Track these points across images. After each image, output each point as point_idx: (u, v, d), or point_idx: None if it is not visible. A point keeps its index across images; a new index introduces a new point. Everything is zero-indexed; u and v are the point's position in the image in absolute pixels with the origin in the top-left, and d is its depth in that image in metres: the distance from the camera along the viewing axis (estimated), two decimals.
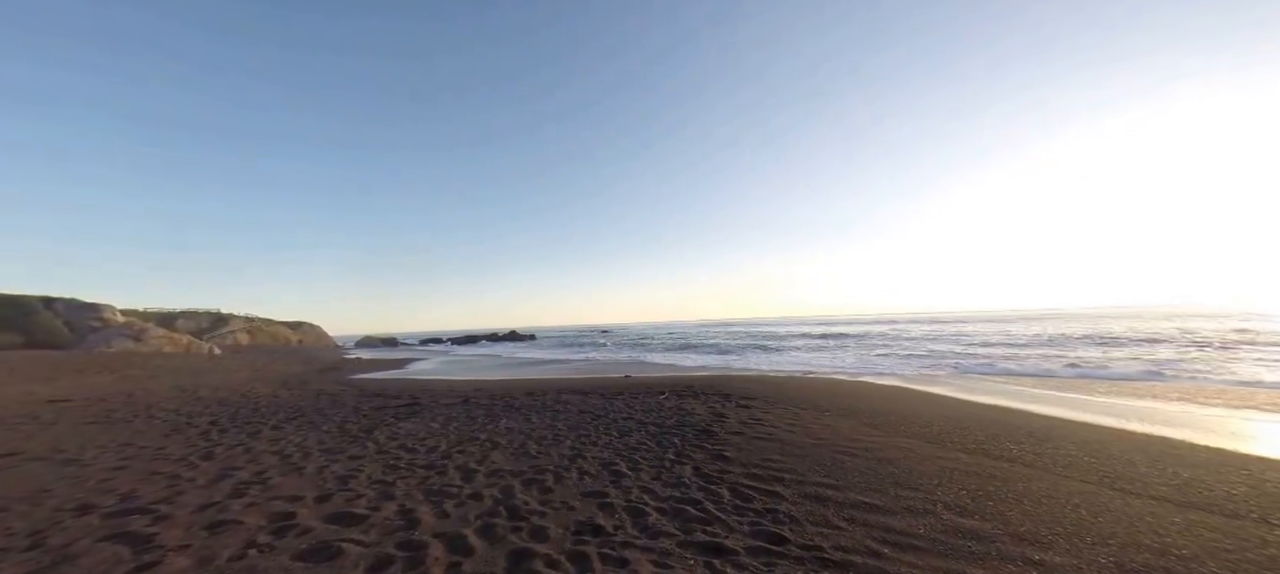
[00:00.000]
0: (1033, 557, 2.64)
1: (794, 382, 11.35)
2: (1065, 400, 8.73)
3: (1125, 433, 5.82)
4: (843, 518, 3.29)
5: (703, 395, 8.54)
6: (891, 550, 2.81)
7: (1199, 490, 3.62)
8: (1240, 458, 4.63)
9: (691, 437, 5.49)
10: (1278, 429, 6.22)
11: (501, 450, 5.17)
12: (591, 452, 5.05)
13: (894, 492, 3.74)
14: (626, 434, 5.80)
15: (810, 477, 4.08)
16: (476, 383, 13.09)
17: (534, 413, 7.46)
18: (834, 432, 5.72)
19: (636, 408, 7.58)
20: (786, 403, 7.63)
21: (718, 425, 6.00)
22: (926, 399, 8.77)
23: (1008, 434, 5.56)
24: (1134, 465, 4.27)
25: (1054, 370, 13.66)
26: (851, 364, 17.54)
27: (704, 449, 4.96)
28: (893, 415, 6.84)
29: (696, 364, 20.37)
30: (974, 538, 2.92)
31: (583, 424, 6.48)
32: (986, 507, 3.37)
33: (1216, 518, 3.11)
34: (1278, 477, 3.97)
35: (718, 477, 4.07)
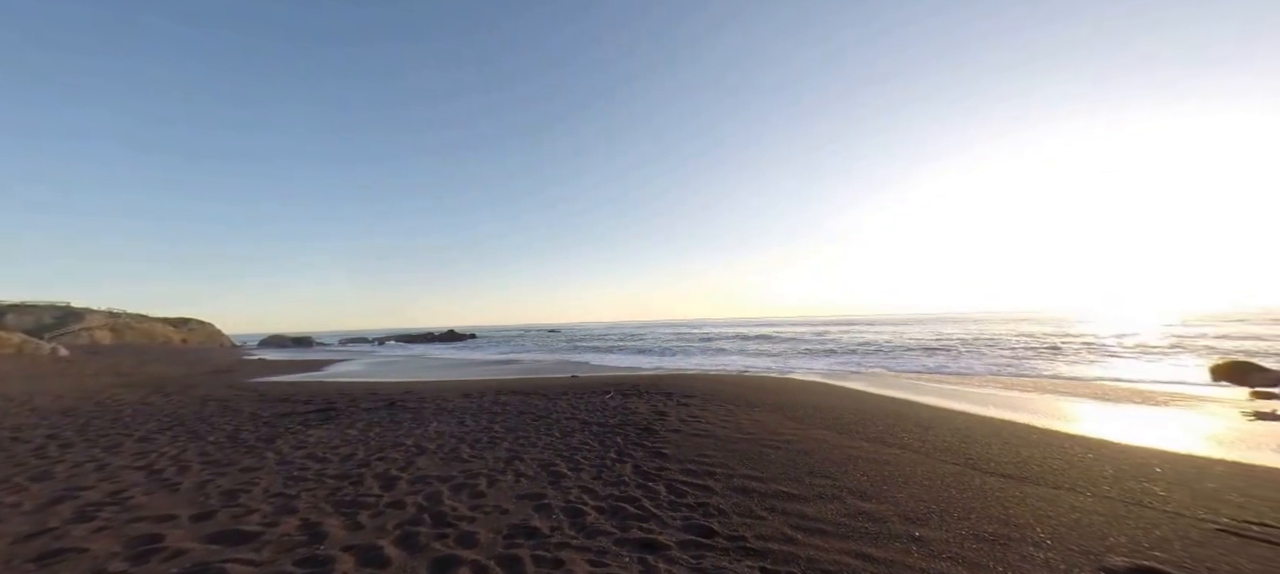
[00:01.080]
0: (914, 533, 3.05)
1: (731, 380, 11.93)
2: (945, 392, 10.04)
3: (987, 420, 6.85)
4: (764, 508, 3.55)
5: (647, 394, 8.71)
6: (804, 536, 3.09)
7: (1032, 467, 4.37)
8: (1061, 437, 5.62)
9: (633, 435, 5.60)
10: (1087, 412, 7.68)
11: (430, 456, 4.89)
12: (530, 453, 4.96)
13: (808, 481, 4.11)
14: (569, 434, 5.77)
15: (738, 470, 4.35)
16: (405, 385, 12.21)
17: (469, 416, 7.13)
18: (761, 426, 6.13)
19: (581, 408, 7.55)
20: (722, 400, 8.03)
21: (659, 424, 6.17)
22: (840, 393, 9.66)
23: (901, 424, 6.32)
24: (990, 448, 5.06)
25: (941, 366, 15.75)
26: (783, 363, 18.83)
27: (644, 447, 5.08)
28: (811, 409, 7.47)
29: (643, 364, 20.65)
30: (871, 519, 3.30)
31: (523, 426, 6.34)
32: (882, 490, 3.82)
33: (1043, 489, 3.79)
34: (1082, 452, 4.90)
35: (656, 474, 4.20)
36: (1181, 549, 2.66)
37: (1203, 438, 5.82)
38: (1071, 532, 2.94)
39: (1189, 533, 2.87)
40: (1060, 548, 2.71)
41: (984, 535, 2.95)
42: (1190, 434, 6.03)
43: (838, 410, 7.34)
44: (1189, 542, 2.75)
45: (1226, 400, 8.39)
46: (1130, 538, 2.80)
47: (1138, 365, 14.03)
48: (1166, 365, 13.88)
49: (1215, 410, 7.60)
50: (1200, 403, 8.30)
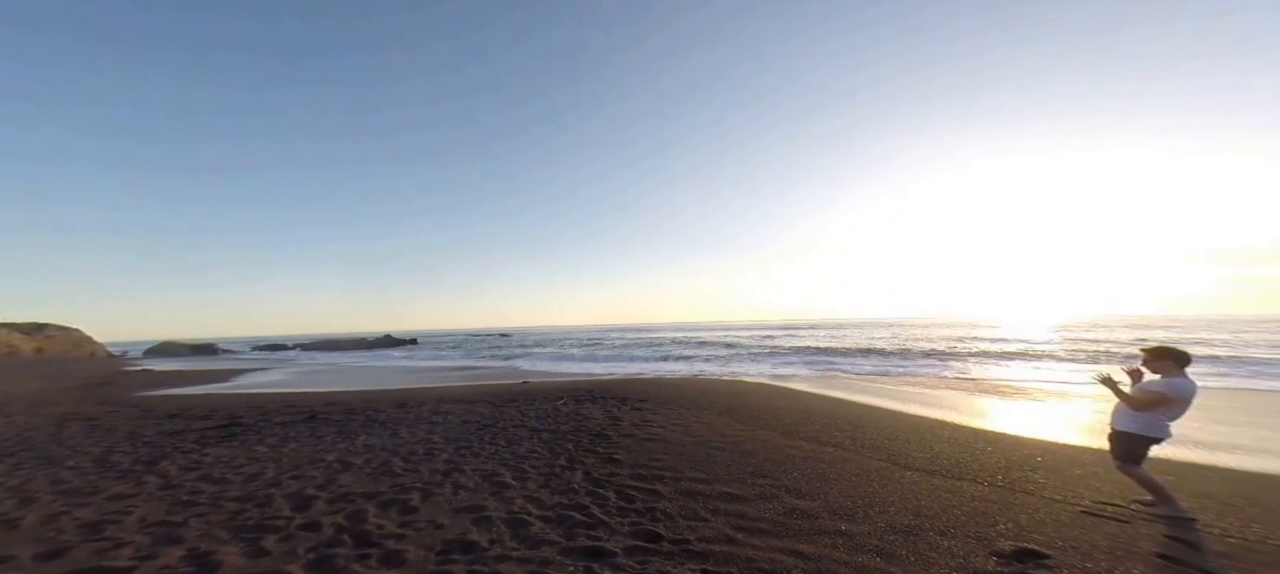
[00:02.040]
0: (841, 528, 3.26)
1: (684, 383, 12.14)
2: (874, 391, 10.82)
3: (908, 417, 7.47)
4: (709, 510, 3.64)
5: (601, 399, 8.66)
6: (744, 536, 3.20)
7: (942, 461, 4.81)
8: (966, 432, 6.21)
9: (585, 441, 5.54)
10: (989, 408, 8.57)
11: (355, 471, 4.53)
12: (472, 464, 4.76)
13: (751, 481, 4.26)
14: (516, 442, 5.60)
15: (686, 473, 4.43)
16: (329, 395, 11.19)
17: (404, 427, 6.69)
18: (710, 428, 6.29)
19: (530, 415, 7.35)
20: (675, 404, 8.15)
21: (612, 429, 6.14)
22: (784, 395, 10.13)
23: (835, 423, 6.73)
24: (909, 444, 5.52)
25: (875, 367, 17.01)
26: (735, 366, 19.45)
27: (596, 453, 5.04)
28: (757, 411, 7.77)
29: (599, 369, 20.51)
30: (805, 517, 3.48)
31: (465, 435, 6.06)
32: (816, 488, 4.04)
33: (950, 481, 4.19)
34: (982, 445, 5.46)
35: (606, 480, 4.17)
36: (1053, 530, 3.04)
37: (1075, 429, 6.70)
38: (970, 519, 3.26)
39: (1059, 516, 3.29)
40: (960, 535, 3.00)
41: (900, 527, 3.20)
42: (1066, 426, 6.92)
43: (780, 411, 7.69)
44: (1059, 524, 3.15)
45: (1095, 396, 9.74)
46: (1015, 523, 3.16)
47: (1030, 366, 15.94)
48: (1053, 366, 15.88)
49: (1086, 405, 8.80)
50: (1077, 398, 9.57)
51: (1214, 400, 8.60)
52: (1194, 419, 6.45)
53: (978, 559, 2.68)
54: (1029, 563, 2.59)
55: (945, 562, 2.68)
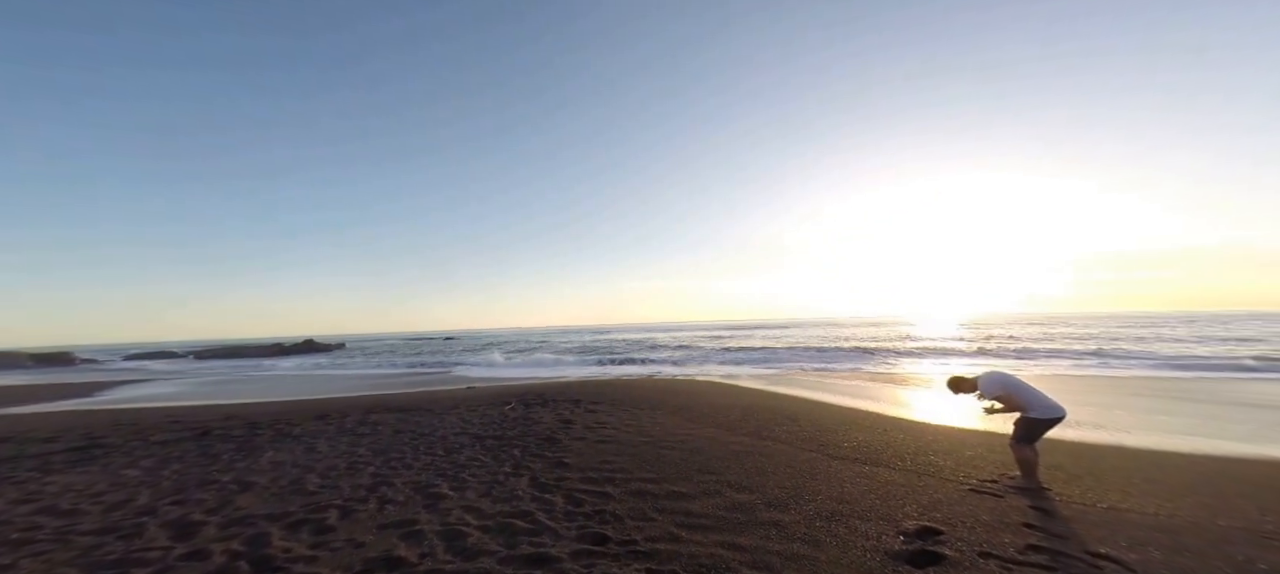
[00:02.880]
0: (775, 518, 3.49)
1: (639, 384, 12.26)
2: (811, 385, 11.66)
3: (838, 408, 8.10)
4: (657, 509, 3.73)
5: (553, 403, 8.52)
6: (687, 532, 3.32)
7: (863, 449, 5.28)
8: (886, 421, 6.83)
9: (533, 446, 5.44)
10: (906, 397, 9.52)
11: (258, 492, 4.09)
12: (403, 476, 4.47)
13: (697, 478, 4.42)
14: (456, 451, 5.36)
15: (637, 474, 4.51)
16: (229, 409, 9.94)
17: (323, 440, 6.13)
18: (662, 428, 6.43)
19: (474, 421, 7.07)
20: (629, 405, 8.22)
21: (563, 432, 6.08)
22: (732, 392, 10.56)
23: (775, 418, 7.15)
24: (837, 434, 6.01)
25: (813, 363, 18.25)
26: (690, 366, 19.94)
27: (545, 458, 4.97)
28: (707, 408, 8.04)
29: (552, 372, 20.13)
30: (743, 510, 3.68)
31: (396, 446, 5.69)
32: (754, 481, 4.28)
33: (869, 467, 4.62)
34: (897, 432, 6.02)
35: (554, 485, 4.13)
36: (948, 508, 3.47)
37: (967, 415, 7.64)
38: (884, 502, 3.63)
39: (953, 495, 3.75)
40: (875, 518, 3.33)
41: (825, 513, 3.49)
42: (961, 413, 7.87)
43: (727, 409, 8.02)
44: (953, 502, 3.60)
45: None
46: (919, 504, 3.56)
47: (938, 360, 17.91)
48: (953, 361, 17.94)
49: None
50: None
51: (1068, 385, 10.17)
52: None
53: (888, 539, 3.00)
54: (928, 539, 2.94)
55: (862, 543, 2.97)
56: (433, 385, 14.50)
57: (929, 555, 2.71)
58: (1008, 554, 2.68)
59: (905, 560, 2.69)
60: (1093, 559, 2.57)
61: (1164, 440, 5.58)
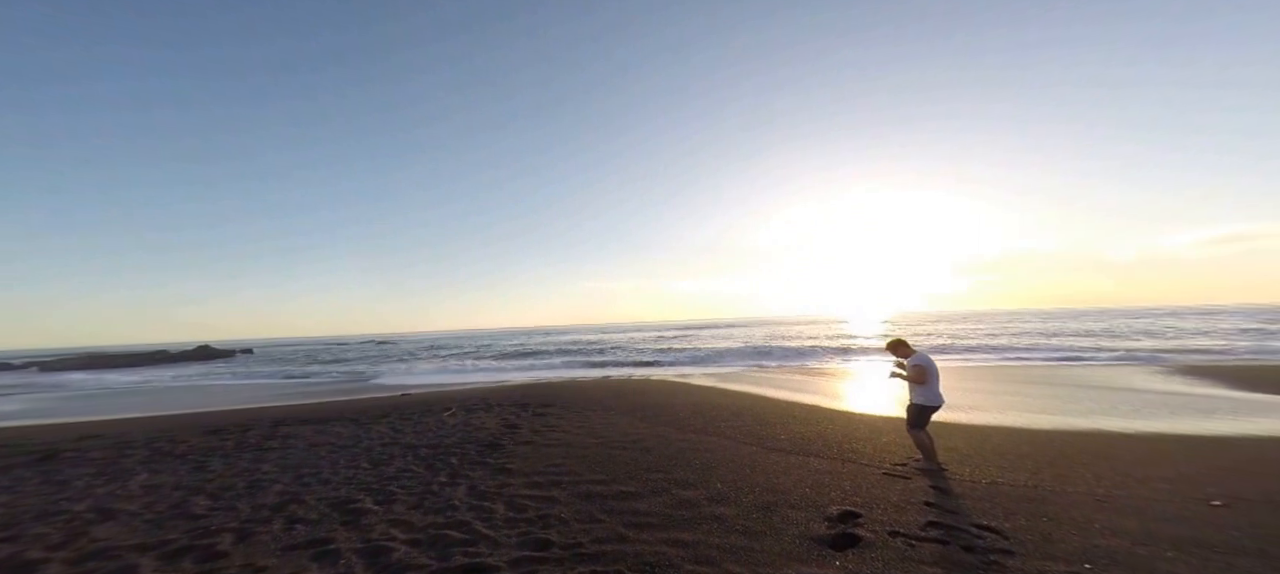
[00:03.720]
0: (717, 512, 3.62)
1: (593, 385, 12.17)
2: (754, 379, 12.30)
3: (778, 402, 8.57)
4: (605, 510, 3.73)
5: (498, 407, 8.21)
6: (634, 532, 3.36)
7: (798, 440, 5.66)
8: (818, 412, 7.33)
9: (473, 454, 5.20)
10: (836, 389, 10.33)
11: (124, 520, 3.60)
12: (317, 493, 4.09)
13: (645, 477, 4.48)
14: (383, 463, 4.99)
15: (586, 476, 4.47)
16: (86, 427, 8.50)
17: (217, 458, 5.46)
18: (614, 429, 6.43)
19: (406, 430, 6.62)
20: (581, 407, 8.13)
21: (508, 438, 5.87)
22: (684, 390, 10.82)
23: (721, 414, 7.44)
24: (775, 427, 6.39)
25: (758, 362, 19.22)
26: (645, 368, 20.11)
27: (486, 465, 4.77)
28: (659, 408, 8.17)
29: (502, 375, 19.38)
30: (688, 506, 3.78)
31: (311, 461, 5.19)
32: (700, 477, 4.42)
33: (801, 457, 4.93)
34: (826, 422, 6.49)
35: (495, 492, 3.99)
36: (866, 492, 3.81)
37: (886, 403, 8.48)
38: (812, 490, 3.91)
39: (870, 479, 4.14)
40: (804, 506, 3.58)
41: (762, 505, 3.69)
42: (881, 401, 8.71)
43: (679, 407, 8.21)
44: (870, 485, 3.97)
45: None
46: (842, 489, 3.88)
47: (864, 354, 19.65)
48: (876, 356, 19.79)
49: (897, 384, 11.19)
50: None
51: (963, 374, 11.65)
52: (951, 390, 8.66)
53: (814, 525, 3.24)
54: (849, 523, 3.21)
55: (792, 531, 3.18)
56: (357, 393, 13.36)
57: (849, 538, 2.96)
58: (912, 532, 3.01)
59: (828, 544, 2.93)
60: (978, 531, 2.96)
61: (1032, 419, 6.55)
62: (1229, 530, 2.83)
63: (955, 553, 2.70)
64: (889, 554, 2.76)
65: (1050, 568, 2.49)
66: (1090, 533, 2.89)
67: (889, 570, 2.59)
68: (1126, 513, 3.17)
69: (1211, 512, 3.15)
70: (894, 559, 2.70)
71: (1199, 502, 3.32)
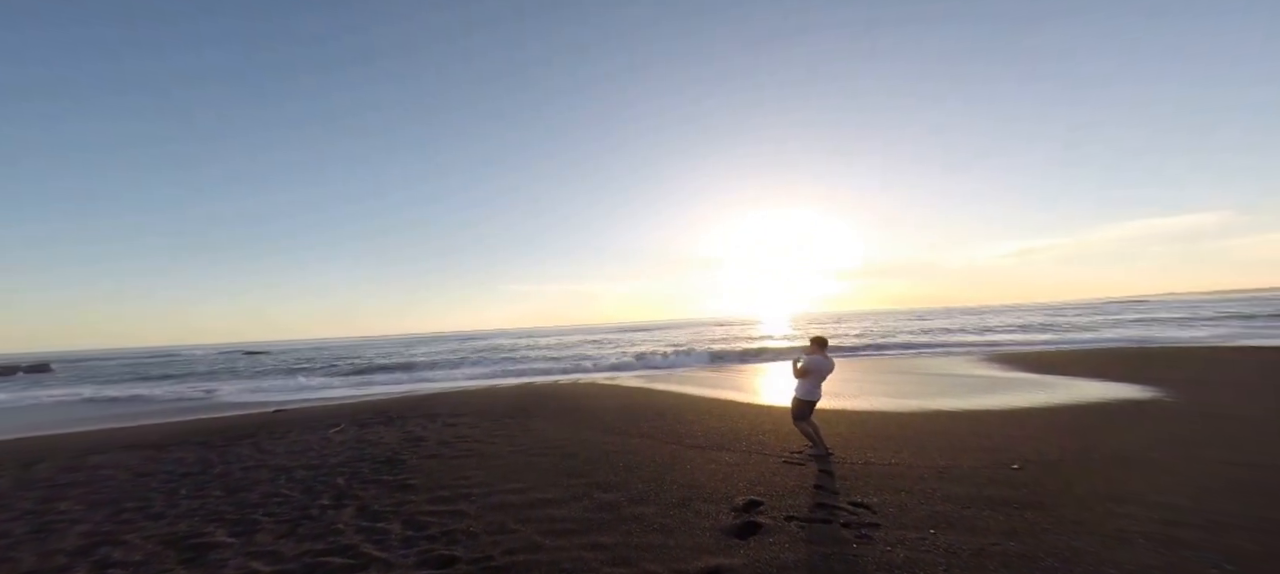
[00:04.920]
0: (638, 512, 3.64)
1: (517, 391, 11.57)
2: (677, 379, 12.71)
3: (699, 399, 8.95)
4: (520, 520, 3.53)
5: (401, 419, 7.39)
6: (551, 539, 3.22)
7: (713, 436, 5.92)
8: (731, 407, 7.80)
9: (366, 471, 4.60)
10: (748, 384, 11.15)
11: None
12: (143, 531, 3.37)
13: (566, 483, 4.34)
14: (244, 489, 4.21)
15: (500, 486, 4.20)
16: None
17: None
18: (533, 436, 6.15)
19: (277, 451, 5.67)
20: (498, 414, 7.65)
21: (411, 451, 5.29)
22: (612, 392, 10.79)
23: (647, 414, 7.55)
24: (694, 425, 6.65)
25: (679, 362, 19.97)
26: (575, 372, 19.64)
27: (381, 482, 4.25)
28: (585, 412, 8.02)
29: (407, 385, 17.45)
30: (608, 508, 3.74)
31: (135, 494, 4.26)
32: (621, 479, 4.41)
33: (714, 452, 5.16)
34: (737, 417, 6.91)
35: (392, 511, 3.56)
36: (768, 481, 4.13)
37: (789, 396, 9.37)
38: (724, 483, 4.13)
39: (772, 468, 4.50)
40: (715, 499, 3.76)
41: (678, 501, 3.79)
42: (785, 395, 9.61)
43: (605, 410, 8.15)
44: (771, 474, 4.31)
45: None
46: (747, 480, 4.17)
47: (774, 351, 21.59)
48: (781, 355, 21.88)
49: None
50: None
51: (849, 367, 13.41)
52: (839, 382, 9.89)
53: (723, 516, 3.42)
54: (752, 511, 3.44)
55: (704, 524, 3.31)
56: (212, 412, 11.08)
57: (751, 526, 3.17)
58: (803, 514, 3.33)
59: (734, 534, 3.10)
60: (853, 508, 3.38)
61: (895, 404, 7.71)
62: (1022, 489, 3.61)
63: (836, 530, 3.04)
64: (784, 538, 3.00)
65: (906, 535, 2.92)
66: (933, 500, 3.46)
67: (783, 553, 2.82)
68: (958, 481, 3.86)
69: (1013, 474, 3.99)
70: (788, 542, 2.95)
71: (1005, 466, 4.18)
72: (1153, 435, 5.15)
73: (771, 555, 2.80)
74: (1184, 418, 5.90)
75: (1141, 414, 6.27)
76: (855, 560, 2.66)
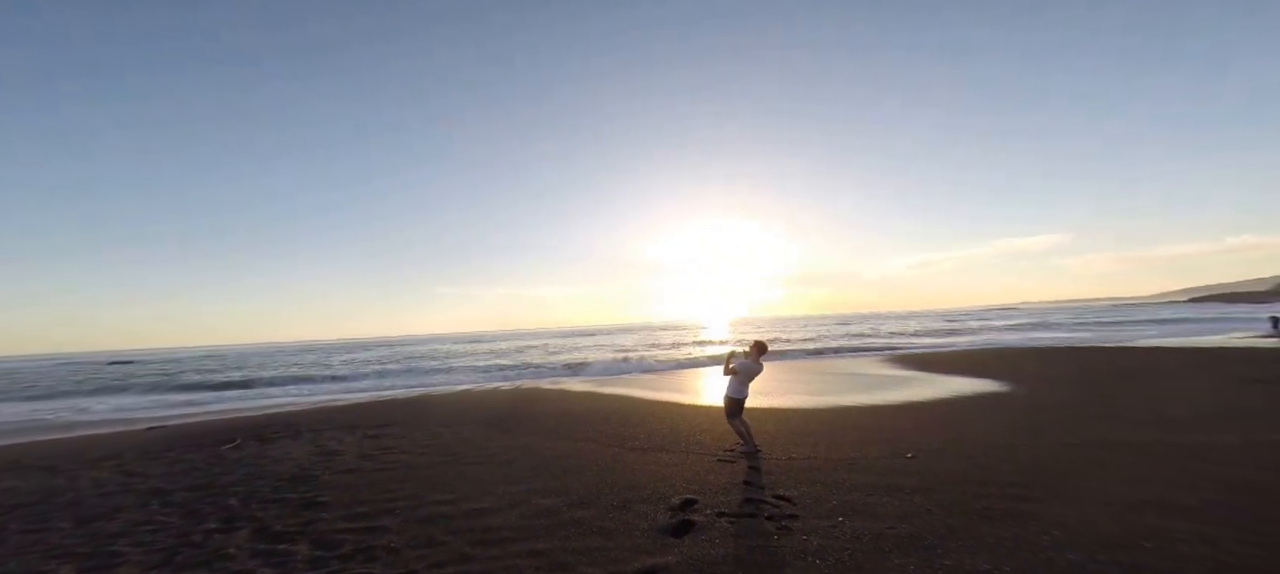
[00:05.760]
0: (577, 516, 3.58)
1: (451, 399, 10.84)
2: (624, 382, 12.77)
3: (643, 402, 9.07)
4: (449, 531, 3.31)
5: (311, 433, 6.58)
6: (482, 549, 3.06)
7: (654, 437, 6.02)
8: (672, 408, 8.02)
9: (267, 490, 4.04)
10: (691, 385, 11.62)
11: None
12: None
13: (501, 491, 4.15)
14: (102, 518, 3.55)
15: (428, 497, 3.91)
16: None
17: None
18: (469, 444, 5.80)
19: (151, 473, 4.82)
20: (431, 424, 7.11)
21: (323, 467, 4.73)
22: (554, 397, 10.51)
23: (591, 418, 7.48)
24: (637, 427, 6.72)
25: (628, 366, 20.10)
26: (517, 377, 18.80)
27: (286, 501, 3.76)
28: (525, 417, 7.74)
29: (319, 396, 15.53)
30: (547, 514, 3.64)
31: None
32: (561, 485, 4.32)
33: (655, 453, 5.25)
34: (677, 418, 7.10)
35: (296, 532, 3.16)
36: (703, 479, 4.30)
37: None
38: (663, 483, 4.22)
39: (706, 466, 4.70)
40: (654, 500, 3.84)
41: (618, 503, 3.81)
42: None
43: (546, 415, 7.93)
44: (706, 472, 4.49)
45: None
46: (685, 479, 4.31)
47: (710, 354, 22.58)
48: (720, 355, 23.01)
49: None
50: None
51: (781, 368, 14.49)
52: (771, 383, 10.64)
53: (660, 515, 3.50)
54: (688, 510, 3.57)
55: (642, 525, 3.36)
56: (60, 432, 9.03)
57: (686, 524, 3.29)
58: (733, 510, 3.52)
59: (670, 533, 3.19)
60: (776, 501, 3.65)
61: (815, 401, 8.44)
62: (914, 476, 4.16)
63: (761, 524, 3.26)
64: (715, 534, 3.16)
65: (820, 524, 3.22)
66: (843, 490, 3.85)
67: (714, 549, 2.96)
68: (863, 470, 4.35)
69: (907, 463, 4.57)
70: (719, 538, 3.11)
71: (901, 456, 4.78)
72: (1008, 423, 6.21)
73: (703, 552, 2.93)
74: (1029, 407, 7.20)
75: (999, 405, 7.53)
76: (775, 551, 2.87)
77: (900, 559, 2.68)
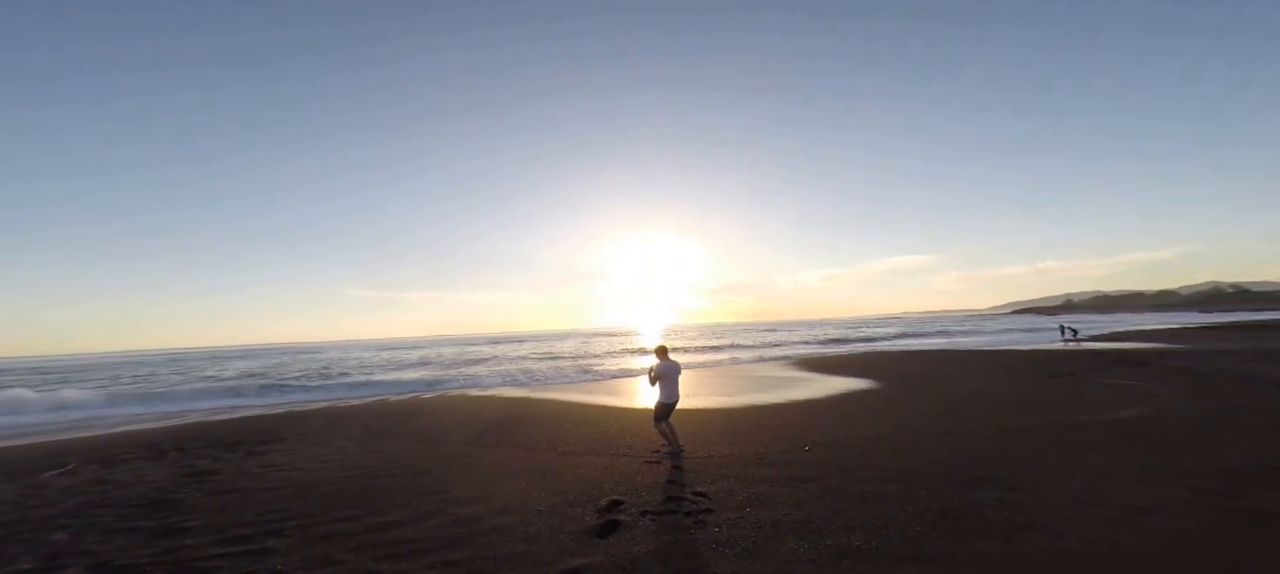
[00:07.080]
0: (499, 523, 3.45)
1: (358, 409, 9.63)
2: (557, 387, 12.42)
3: (575, 406, 8.86)
4: (351, 548, 2.99)
5: (179, 452, 5.50)
6: (389, 563, 2.82)
7: (585, 441, 5.97)
8: (606, 412, 8.02)
9: (111, 519, 3.32)
10: (625, 389, 11.70)
11: None
12: None
13: (417, 502, 3.84)
14: None
15: (327, 515, 3.48)
16: None
17: None
18: (380, 457, 5.25)
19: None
20: (333, 437, 6.28)
21: (190, 489, 3.97)
22: (482, 403, 9.87)
23: (521, 424, 7.17)
24: (568, 431, 6.62)
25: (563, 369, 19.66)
26: (438, 382, 17.23)
27: (139, 529, 3.12)
28: (447, 425, 7.18)
29: (193, 413, 12.87)
30: (467, 523, 3.46)
31: None
32: (484, 492, 4.12)
33: (586, 458, 5.19)
34: (608, 421, 7.12)
35: (150, 564, 2.65)
36: (630, 481, 4.40)
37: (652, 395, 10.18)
38: (592, 487, 4.24)
39: (635, 468, 4.83)
40: (582, 503, 3.85)
41: (545, 508, 3.74)
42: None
43: (471, 421, 7.46)
44: (633, 474, 4.62)
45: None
46: (613, 482, 4.38)
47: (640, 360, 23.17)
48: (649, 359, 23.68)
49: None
50: None
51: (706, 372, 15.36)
52: (696, 385, 11.25)
53: (588, 518, 3.53)
54: (614, 511, 3.64)
55: (569, 528, 3.35)
56: None
57: (612, 524, 3.37)
58: (656, 508, 3.69)
59: (596, 534, 3.24)
60: (694, 497, 3.90)
61: (731, 401, 9.07)
62: (810, 467, 4.72)
63: (680, 519, 3.46)
64: (638, 532, 3.28)
65: (730, 516, 3.52)
66: (752, 483, 4.25)
67: (637, 546, 3.08)
68: (770, 464, 4.83)
69: (805, 455, 5.17)
70: (641, 535, 3.24)
71: (800, 449, 5.40)
72: (882, 416, 7.33)
73: (626, 549, 3.03)
74: (896, 402, 8.57)
75: (876, 400, 8.86)
76: (691, 544, 3.08)
77: (794, 542, 3.05)
